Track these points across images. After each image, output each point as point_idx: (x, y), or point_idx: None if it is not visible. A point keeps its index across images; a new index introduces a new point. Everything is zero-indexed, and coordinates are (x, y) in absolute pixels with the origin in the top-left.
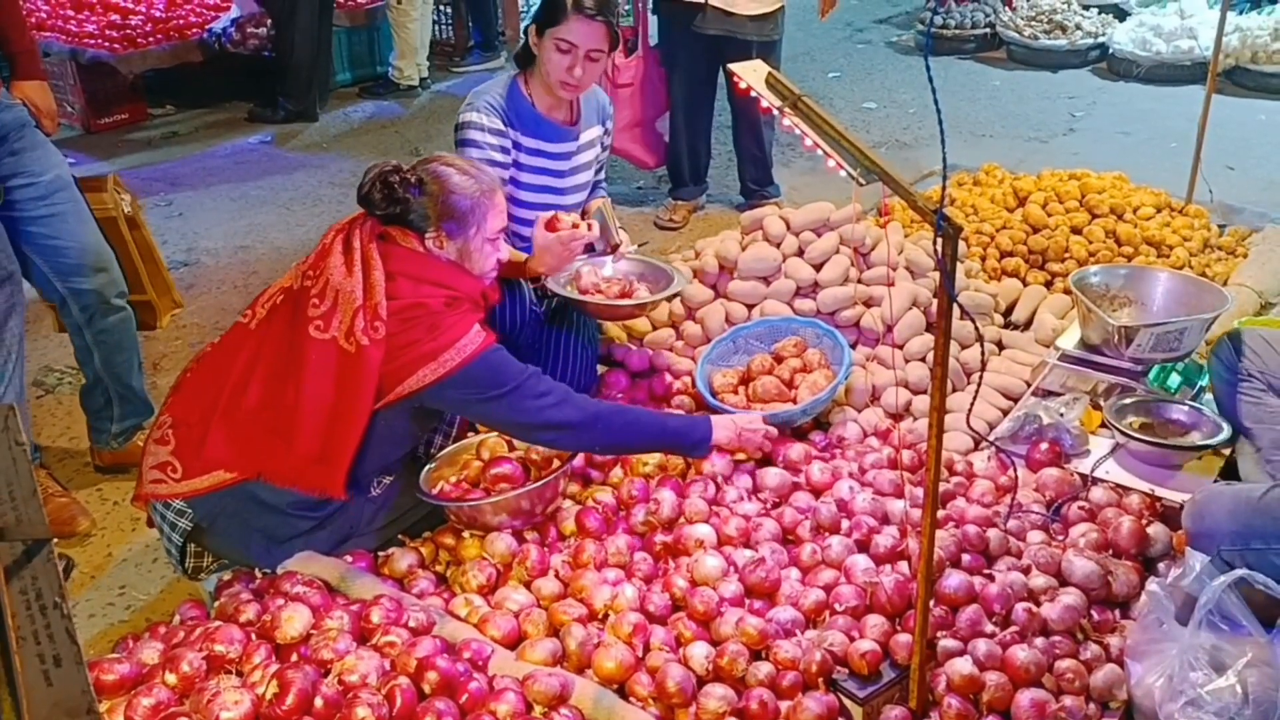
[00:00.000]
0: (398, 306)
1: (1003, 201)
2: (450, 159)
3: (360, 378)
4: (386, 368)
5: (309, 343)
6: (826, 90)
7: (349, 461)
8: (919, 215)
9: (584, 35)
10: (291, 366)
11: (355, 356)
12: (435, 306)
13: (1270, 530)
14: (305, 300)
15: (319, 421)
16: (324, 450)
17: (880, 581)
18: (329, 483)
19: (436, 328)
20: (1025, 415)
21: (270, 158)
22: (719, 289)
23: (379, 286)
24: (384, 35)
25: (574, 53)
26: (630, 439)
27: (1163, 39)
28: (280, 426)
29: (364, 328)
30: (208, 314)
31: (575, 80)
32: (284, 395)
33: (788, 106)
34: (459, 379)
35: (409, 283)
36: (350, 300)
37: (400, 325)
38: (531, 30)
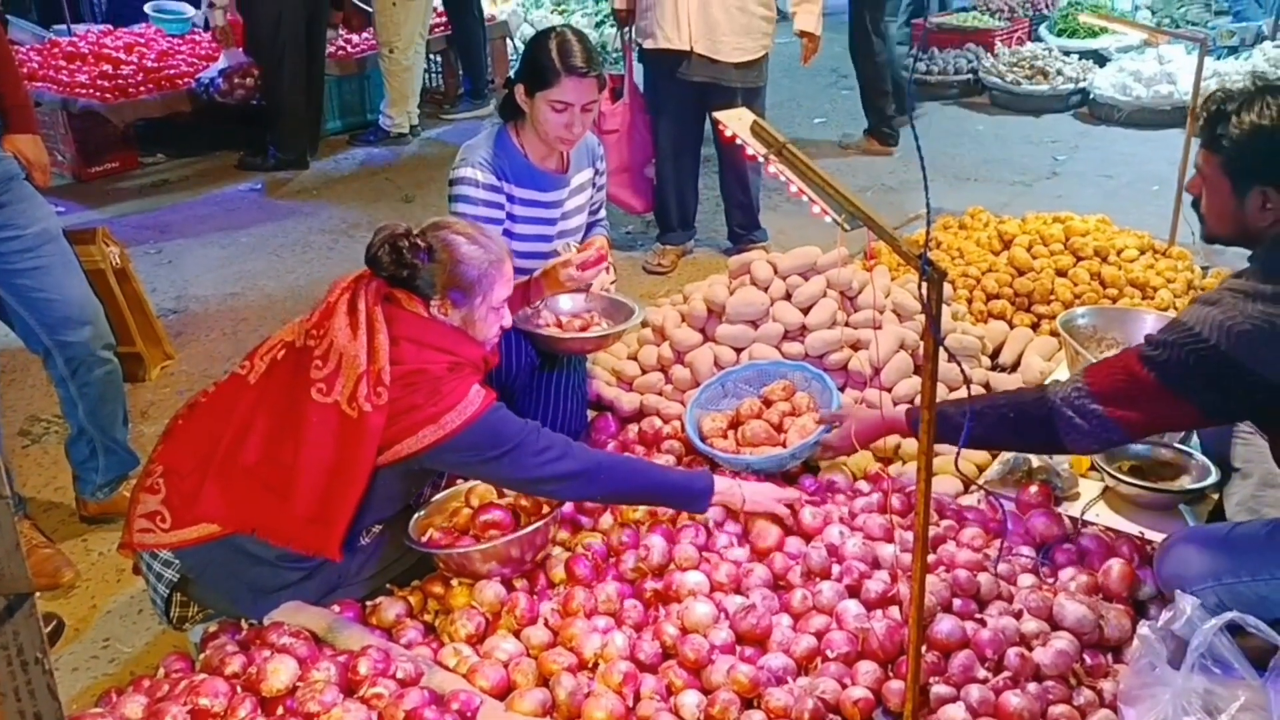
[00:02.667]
0: (401, 372)
1: (988, 245)
2: (460, 226)
3: (362, 442)
4: (387, 431)
5: (311, 405)
6: (812, 135)
7: (346, 523)
8: (904, 260)
9: (577, 93)
10: (291, 427)
11: (357, 422)
12: (438, 372)
13: (1239, 565)
14: (308, 360)
15: (318, 484)
16: (322, 512)
17: (872, 627)
18: (325, 544)
19: (438, 392)
20: (1014, 458)
21: (260, 205)
22: (707, 333)
23: (383, 351)
24: (375, 83)
25: (569, 110)
26: (631, 489)
27: (1142, 84)
28: (277, 485)
29: (367, 394)
30: (196, 361)
31: (573, 135)
32: (282, 454)
33: (772, 154)
34: (459, 441)
35: (413, 347)
36: (354, 365)
37: (402, 390)
38: (520, 89)
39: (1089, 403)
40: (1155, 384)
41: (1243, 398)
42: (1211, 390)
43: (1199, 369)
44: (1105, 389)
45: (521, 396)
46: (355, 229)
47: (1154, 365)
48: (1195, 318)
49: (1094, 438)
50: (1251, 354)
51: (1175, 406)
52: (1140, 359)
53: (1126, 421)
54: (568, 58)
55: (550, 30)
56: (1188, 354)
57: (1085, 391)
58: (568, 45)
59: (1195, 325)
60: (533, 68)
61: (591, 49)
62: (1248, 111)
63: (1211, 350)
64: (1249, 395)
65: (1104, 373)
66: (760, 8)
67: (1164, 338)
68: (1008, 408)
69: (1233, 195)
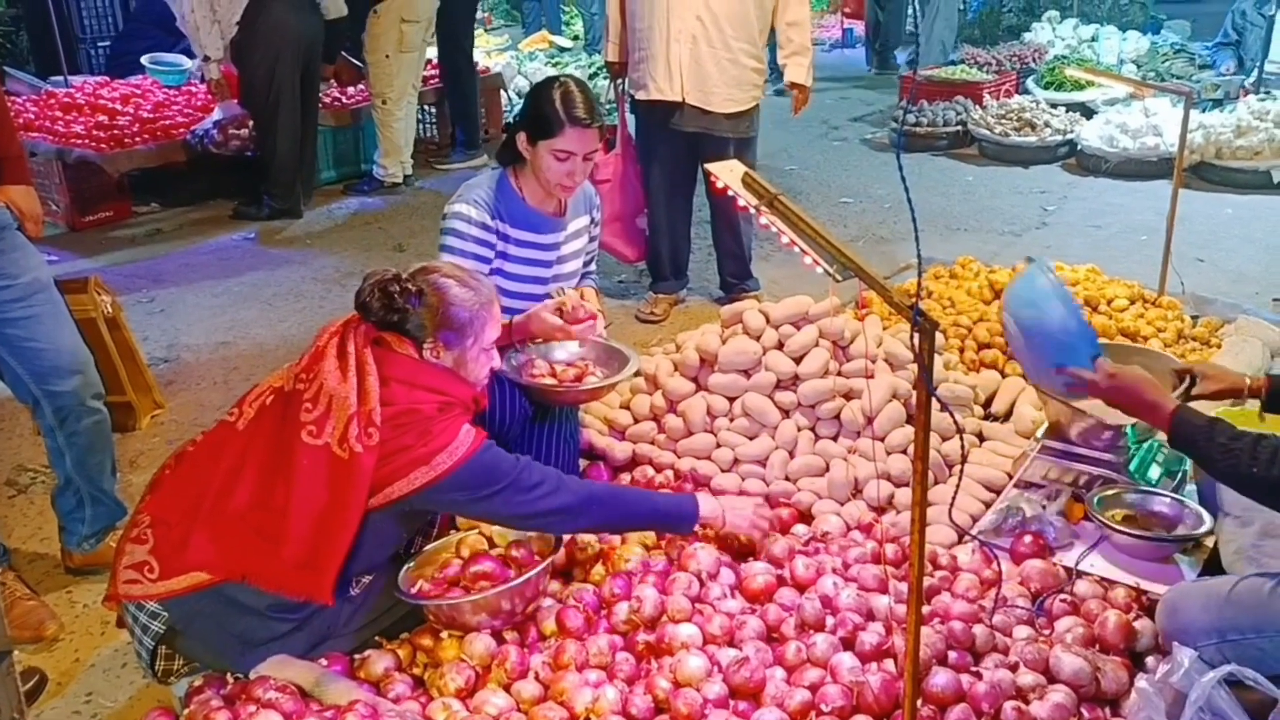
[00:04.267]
0: (391, 413)
1: (979, 294)
2: (450, 269)
3: (353, 484)
4: (378, 472)
5: (301, 447)
6: (803, 186)
7: (339, 566)
8: (895, 310)
9: (580, 143)
10: (282, 471)
11: (348, 463)
12: (428, 412)
13: (1244, 621)
14: (298, 404)
15: (309, 526)
16: (313, 555)
17: (866, 680)
18: (316, 588)
19: (428, 433)
20: (1008, 508)
21: (254, 254)
22: (700, 382)
23: (373, 393)
24: (368, 134)
25: (571, 159)
26: (621, 519)
27: (1129, 136)
28: (268, 530)
29: (358, 435)
30: (187, 410)
31: (574, 184)
32: (273, 499)
33: (764, 205)
34: (451, 481)
35: (403, 388)
36: (344, 406)
37: (393, 431)
38: (521, 137)
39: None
40: None
41: None
42: None
43: None
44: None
45: (515, 448)
46: (348, 278)
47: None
48: None
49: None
50: None
51: None
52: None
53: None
54: (571, 108)
55: (554, 80)
56: None
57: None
58: (571, 96)
59: None
60: (536, 116)
61: (593, 100)
62: None
63: None
64: None
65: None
66: (751, 60)
67: None
68: (1252, 461)
69: None
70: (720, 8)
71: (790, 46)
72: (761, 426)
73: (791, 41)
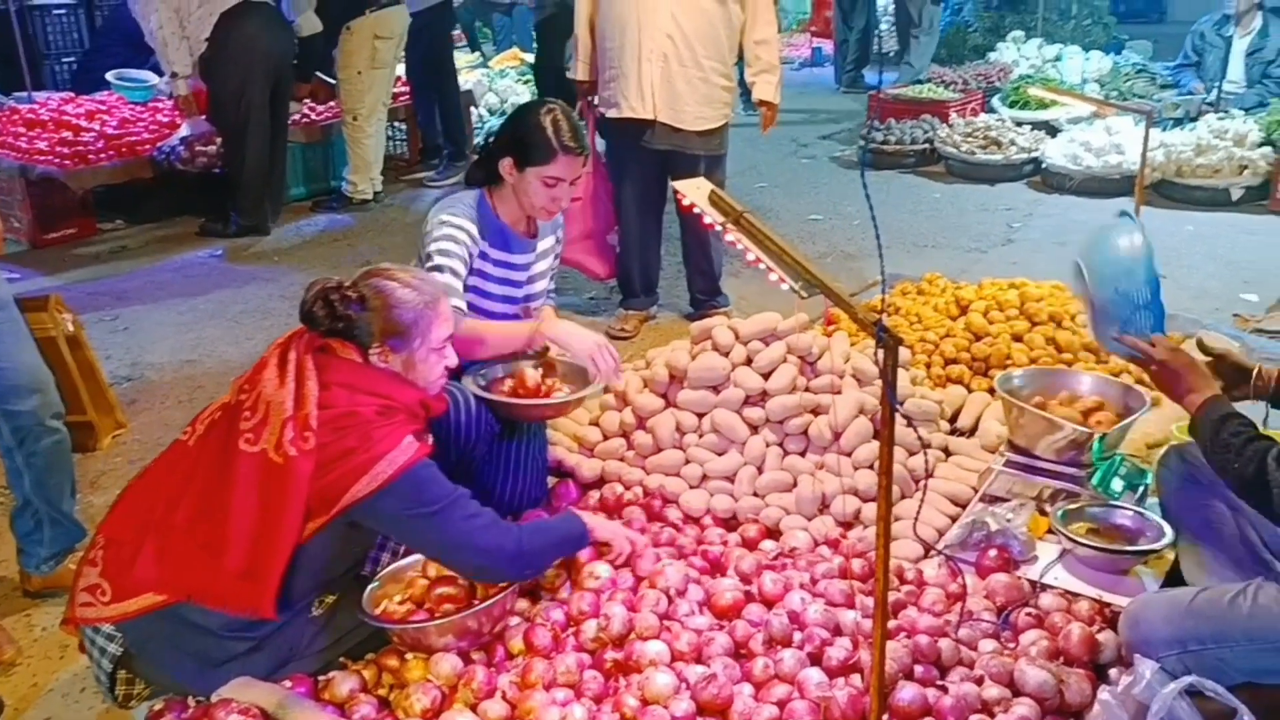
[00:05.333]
0: (329, 416)
1: (946, 310)
2: (393, 271)
3: (288, 490)
4: (319, 482)
5: (239, 456)
6: (772, 203)
7: (278, 578)
8: (860, 327)
9: (569, 170)
10: (223, 481)
11: (284, 467)
12: (368, 415)
13: (1205, 632)
14: (239, 414)
15: (247, 534)
16: (252, 565)
17: (834, 696)
18: (258, 601)
19: (369, 438)
20: (973, 522)
21: (220, 272)
22: (669, 398)
23: (311, 397)
24: (338, 150)
25: (560, 185)
26: (546, 560)
27: (1092, 154)
28: (210, 542)
29: (293, 438)
30: (150, 430)
31: (559, 208)
32: (215, 510)
33: (730, 222)
34: (391, 491)
35: (344, 392)
36: (280, 411)
37: (332, 435)
38: (507, 163)
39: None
40: None
41: None
42: None
43: None
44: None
45: (482, 465)
46: None
47: None
48: None
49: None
50: None
51: None
52: None
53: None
54: (562, 136)
55: (540, 106)
56: None
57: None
58: (561, 124)
59: None
60: (525, 143)
61: (578, 126)
62: None
63: None
64: None
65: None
66: (721, 78)
67: None
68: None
69: None
70: (690, 26)
71: (759, 64)
72: (730, 442)
73: (760, 59)
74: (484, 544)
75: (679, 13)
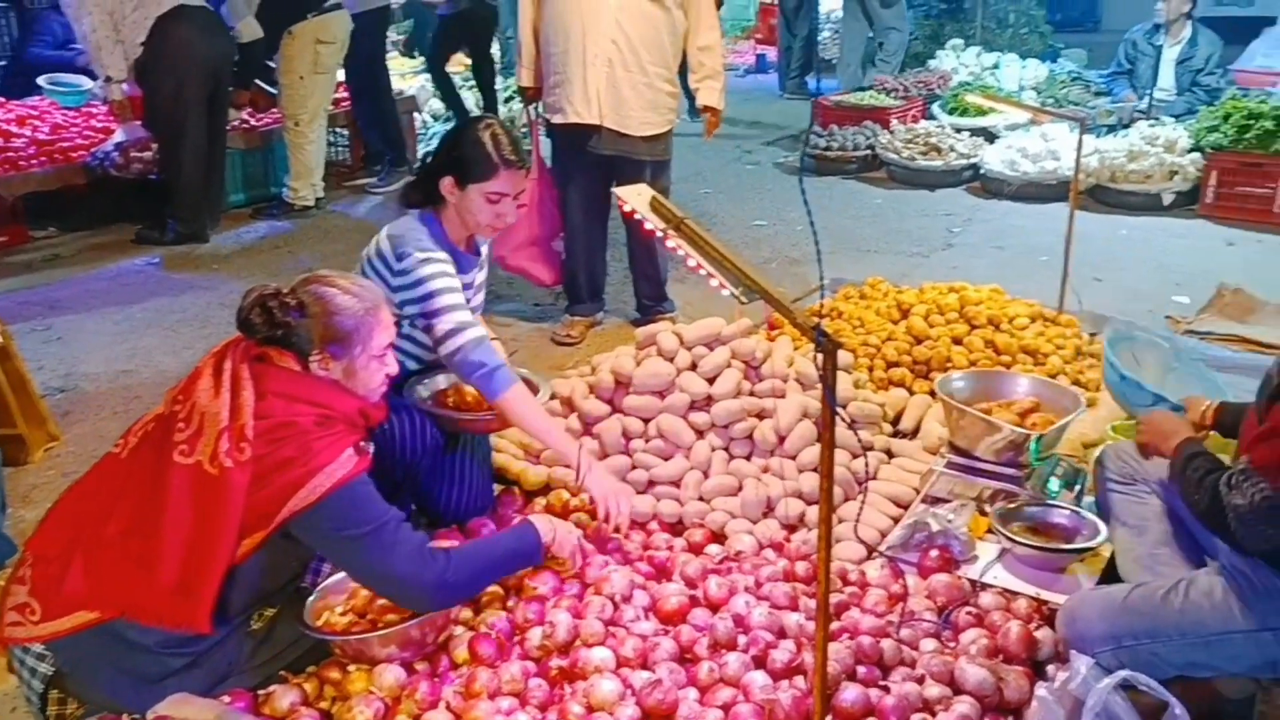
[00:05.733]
0: (266, 426)
1: (887, 314)
2: (333, 278)
3: (223, 502)
4: (256, 495)
5: (173, 468)
6: (718, 209)
7: (213, 592)
8: (799, 331)
9: (512, 184)
10: (155, 494)
11: (218, 479)
12: (306, 425)
13: (1139, 627)
14: (173, 425)
15: (181, 548)
16: (185, 580)
17: (778, 698)
18: (192, 616)
19: (308, 449)
20: (915, 523)
21: (157, 280)
22: (615, 404)
23: (247, 407)
24: (279, 156)
25: (504, 200)
26: (481, 585)
27: (1029, 160)
28: (142, 556)
29: (228, 449)
30: (85, 442)
31: (505, 224)
32: (146, 524)
33: (671, 229)
34: (327, 506)
35: (281, 402)
36: (215, 422)
37: (268, 446)
38: (448, 181)
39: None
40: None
41: None
42: None
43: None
44: (1268, 462)
45: (427, 477)
46: None
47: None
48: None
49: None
50: None
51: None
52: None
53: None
54: (502, 151)
55: (477, 122)
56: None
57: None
58: (500, 138)
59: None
60: (464, 161)
61: (517, 139)
62: None
63: None
64: None
65: (1265, 449)
66: (665, 83)
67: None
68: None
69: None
70: (634, 32)
71: (702, 71)
72: (676, 447)
73: (704, 66)
74: (403, 573)
75: (623, 19)
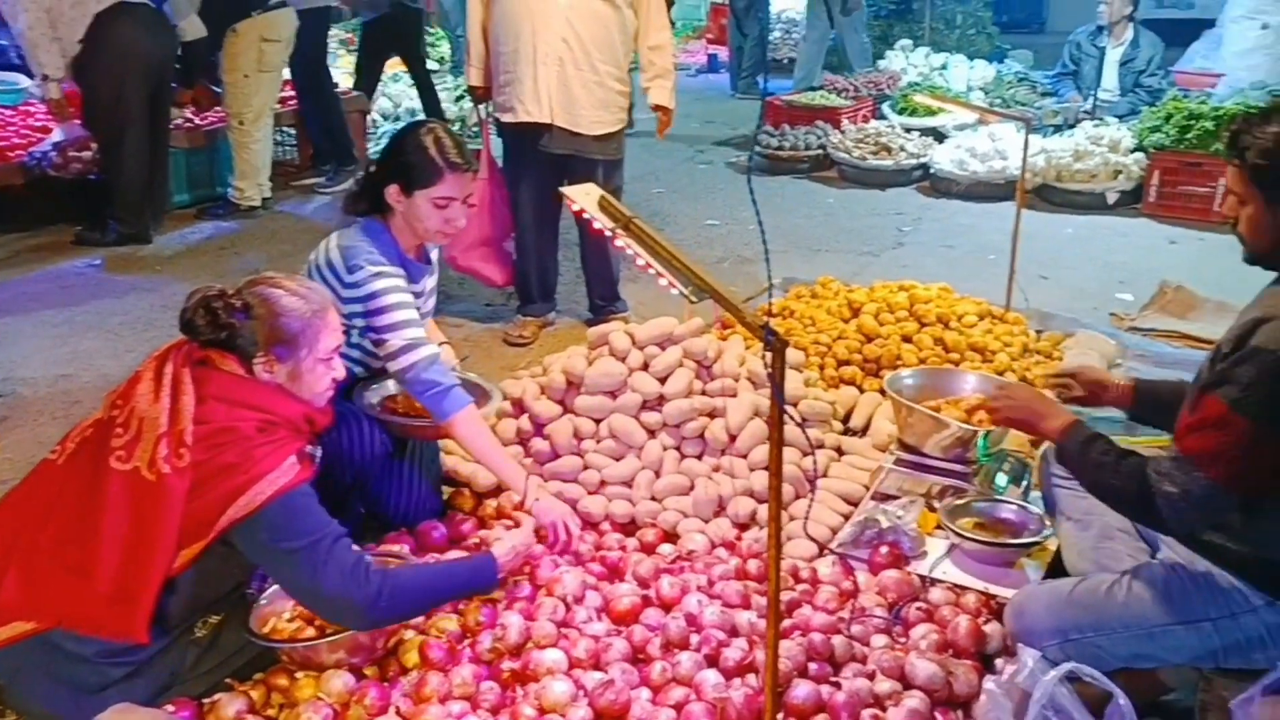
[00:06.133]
0: (206, 431)
1: (838, 313)
2: (279, 279)
3: (161, 509)
4: (195, 502)
5: (110, 474)
6: (670, 209)
7: (151, 601)
8: (748, 330)
9: (459, 188)
10: (92, 501)
11: (156, 485)
12: (247, 431)
13: (1084, 621)
14: (110, 430)
15: (118, 556)
16: (122, 589)
17: (730, 696)
18: (130, 626)
19: (249, 456)
20: (865, 519)
21: (99, 282)
22: (567, 404)
23: (187, 412)
24: (224, 156)
25: (452, 205)
26: (418, 611)
27: (977, 160)
28: (78, 565)
29: (167, 455)
30: (23, 448)
31: (454, 230)
32: (83, 532)
33: (620, 228)
34: (266, 515)
35: (222, 406)
36: (154, 427)
37: (208, 452)
38: (393, 189)
39: (1192, 473)
40: (1249, 427)
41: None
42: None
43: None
44: (1202, 451)
45: (376, 482)
46: None
47: (1243, 407)
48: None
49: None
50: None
51: (1271, 445)
52: (1229, 406)
53: (1228, 480)
54: (447, 154)
55: (419, 127)
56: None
57: (1186, 464)
58: (444, 142)
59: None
60: (409, 167)
61: (462, 142)
62: (1268, 124)
63: None
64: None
65: (1199, 439)
66: (616, 82)
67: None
68: (1114, 476)
69: (1266, 207)
70: (585, 31)
71: (653, 70)
72: (628, 447)
73: (654, 65)
74: (332, 592)
75: (574, 17)
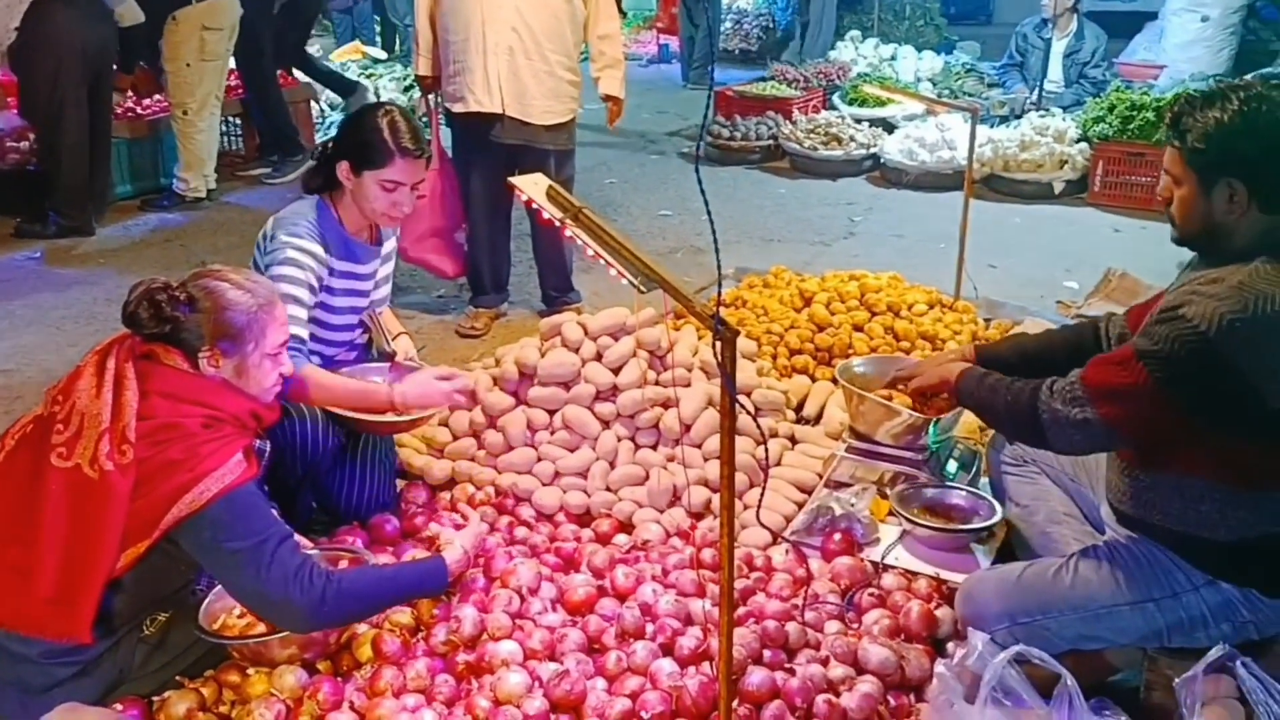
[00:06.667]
0: (149, 427)
1: (790, 302)
2: (225, 272)
3: (104, 505)
4: (139, 501)
5: (51, 471)
6: (623, 199)
7: (94, 602)
8: (698, 320)
9: (409, 173)
10: (32, 499)
11: (98, 483)
12: (192, 427)
13: (1032, 604)
14: (51, 426)
15: (59, 555)
16: (64, 589)
17: (685, 685)
18: (72, 626)
19: (194, 453)
20: (818, 507)
21: (39, 275)
22: (520, 395)
23: (130, 408)
24: (168, 146)
25: (400, 190)
26: (365, 615)
27: (926, 150)
28: (20, 565)
29: (109, 451)
30: None
31: (401, 214)
32: (23, 531)
33: (569, 218)
34: (211, 512)
35: (166, 402)
36: (96, 423)
37: (152, 448)
38: (344, 166)
39: (1082, 401)
40: (1146, 380)
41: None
42: (1193, 385)
43: (1190, 361)
44: (1099, 385)
45: (328, 476)
46: None
47: (1147, 359)
48: (1194, 311)
49: (1083, 436)
50: (1236, 344)
51: (1161, 405)
52: (1135, 353)
53: (1114, 420)
54: (399, 139)
55: (376, 108)
56: (1180, 345)
57: (1080, 389)
58: (398, 126)
59: (1192, 316)
60: (361, 145)
61: (418, 128)
62: (1210, 109)
63: (1201, 339)
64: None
65: (1102, 371)
66: (567, 72)
67: (1158, 331)
68: (1007, 393)
69: (1200, 191)
70: (535, 20)
71: (603, 60)
72: (582, 438)
73: (604, 55)
74: (275, 595)
75: (524, 7)
